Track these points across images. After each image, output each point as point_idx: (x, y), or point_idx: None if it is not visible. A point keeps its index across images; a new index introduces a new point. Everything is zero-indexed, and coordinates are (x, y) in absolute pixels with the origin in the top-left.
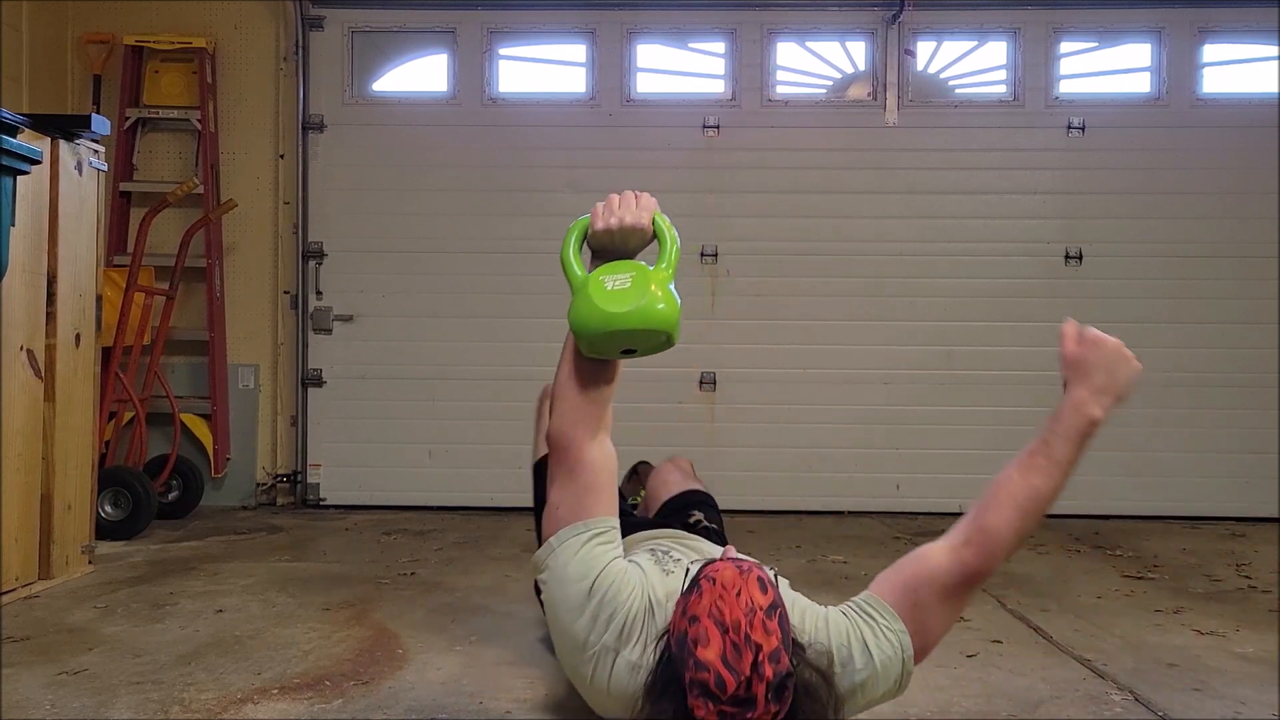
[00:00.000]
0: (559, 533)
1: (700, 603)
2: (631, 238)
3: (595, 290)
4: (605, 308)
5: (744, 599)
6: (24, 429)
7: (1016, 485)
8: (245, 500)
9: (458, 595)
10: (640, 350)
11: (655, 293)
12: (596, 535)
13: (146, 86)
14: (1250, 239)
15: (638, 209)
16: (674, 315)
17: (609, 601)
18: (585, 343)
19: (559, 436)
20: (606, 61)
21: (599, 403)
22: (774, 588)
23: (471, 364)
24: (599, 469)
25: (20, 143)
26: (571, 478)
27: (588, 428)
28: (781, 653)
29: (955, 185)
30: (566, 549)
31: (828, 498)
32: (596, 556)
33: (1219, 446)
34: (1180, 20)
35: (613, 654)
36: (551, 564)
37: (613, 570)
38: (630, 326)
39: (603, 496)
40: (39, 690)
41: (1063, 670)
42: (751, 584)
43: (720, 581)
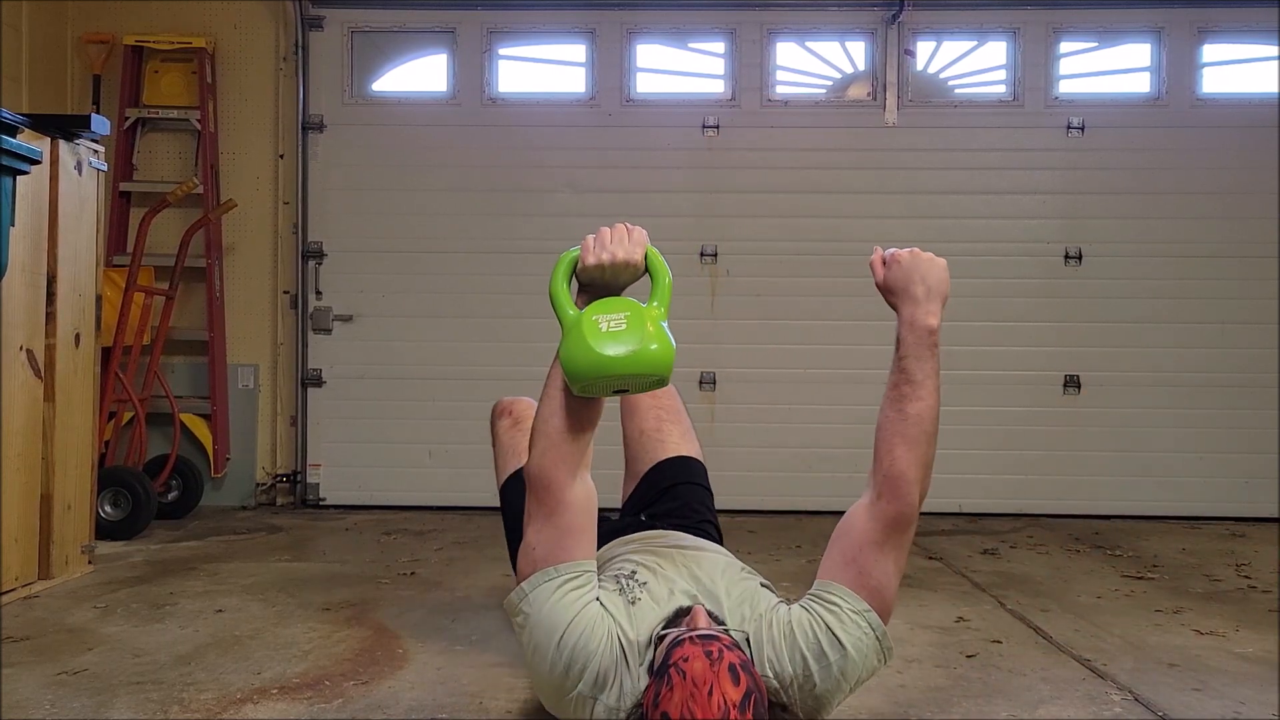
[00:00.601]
0: (531, 578)
1: (671, 698)
2: (623, 273)
3: (589, 330)
4: (601, 350)
5: (716, 699)
6: (24, 429)
7: (895, 421)
8: (245, 500)
9: (458, 595)
10: (632, 390)
11: (651, 333)
12: (569, 580)
13: (146, 86)
14: (1250, 239)
15: (630, 244)
16: (670, 357)
17: (579, 654)
18: (577, 384)
19: (539, 476)
20: (606, 61)
21: (583, 442)
22: (746, 672)
23: (471, 364)
24: (579, 510)
25: (20, 143)
26: (550, 520)
27: (570, 467)
28: None
29: (955, 185)
30: (539, 595)
31: (828, 498)
32: (567, 605)
33: (1219, 446)
34: (1180, 20)
35: (591, 700)
36: (525, 609)
37: (581, 621)
38: (626, 371)
39: (582, 539)
40: (39, 690)
41: (1063, 670)
42: (723, 677)
43: (691, 676)
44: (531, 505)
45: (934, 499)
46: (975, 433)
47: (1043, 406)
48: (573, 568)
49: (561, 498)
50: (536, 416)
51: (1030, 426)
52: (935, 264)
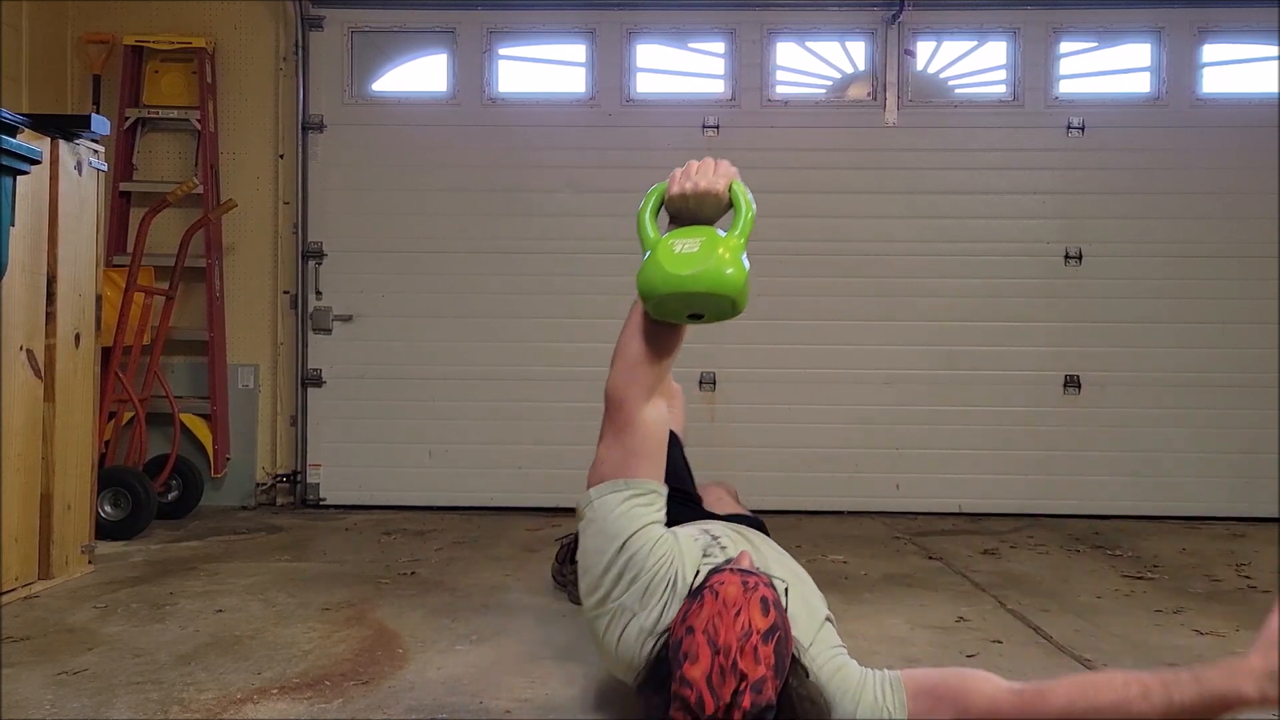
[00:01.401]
0: (599, 486)
1: (699, 614)
2: (706, 203)
3: (664, 253)
4: (671, 270)
5: (741, 621)
6: (24, 429)
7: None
8: (245, 500)
9: (458, 595)
10: (707, 316)
11: (723, 257)
12: (636, 496)
13: (146, 86)
14: (1250, 239)
15: (715, 175)
16: (739, 281)
17: (636, 563)
18: (651, 305)
19: (613, 395)
20: (606, 61)
21: (658, 367)
22: (777, 609)
23: (471, 364)
24: (648, 433)
25: (20, 143)
26: (619, 437)
27: (642, 390)
28: (767, 682)
29: (955, 185)
30: (605, 503)
31: (828, 498)
32: (634, 517)
33: (1219, 446)
34: (1180, 20)
35: (629, 615)
36: (588, 514)
37: (648, 534)
38: (694, 290)
39: (648, 461)
40: (39, 690)
41: (1063, 670)
42: (753, 604)
43: (723, 597)
44: (605, 422)
45: (934, 499)
46: (975, 433)
47: (1043, 406)
48: (641, 485)
49: (632, 418)
50: (618, 340)
51: (1030, 426)
52: None
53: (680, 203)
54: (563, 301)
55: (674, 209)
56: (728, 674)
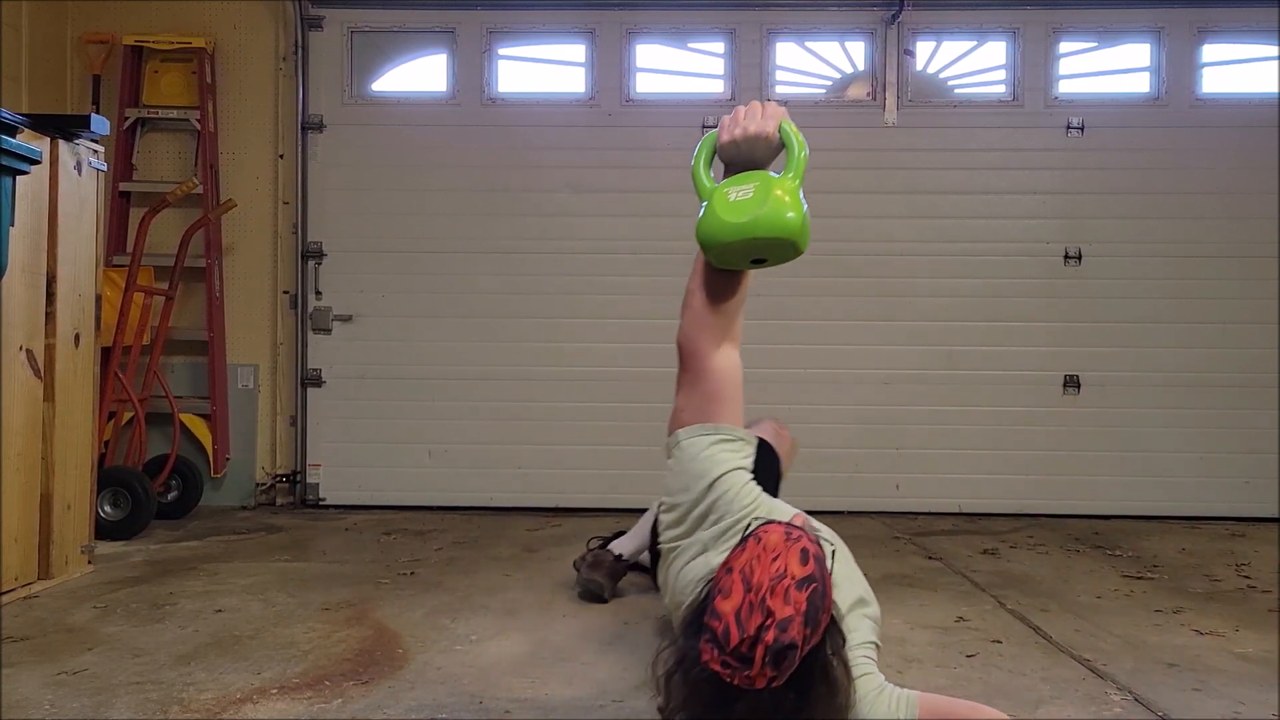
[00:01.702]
0: (688, 428)
1: (740, 557)
2: (758, 147)
3: (719, 201)
4: (726, 218)
5: (778, 565)
6: (24, 429)
7: None
8: (245, 500)
9: (458, 595)
10: (771, 259)
11: (780, 199)
12: (724, 440)
13: (146, 86)
14: (1250, 239)
15: (763, 118)
16: (796, 223)
17: (723, 504)
18: (712, 255)
19: (685, 344)
20: (606, 61)
21: (725, 314)
22: (818, 563)
23: (471, 364)
24: (722, 378)
25: (20, 143)
26: (695, 386)
27: (712, 337)
28: (793, 623)
29: (955, 185)
30: (693, 444)
31: (828, 498)
32: (723, 460)
33: (1219, 446)
34: (1180, 20)
35: (700, 549)
36: (675, 454)
37: (737, 478)
38: (752, 236)
39: (726, 405)
40: (39, 690)
41: (1063, 670)
42: (793, 553)
43: (765, 542)
44: (680, 374)
45: (934, 499)
46: (975, 433)
47: (1043, 406)
48: (730, 430)
49: (705, 365)
50: (685, 291)
51: (1030, 426)
52: None
53: (732, 150)
54: (562, 301)
55: (726, 157)
56: (755, 609)
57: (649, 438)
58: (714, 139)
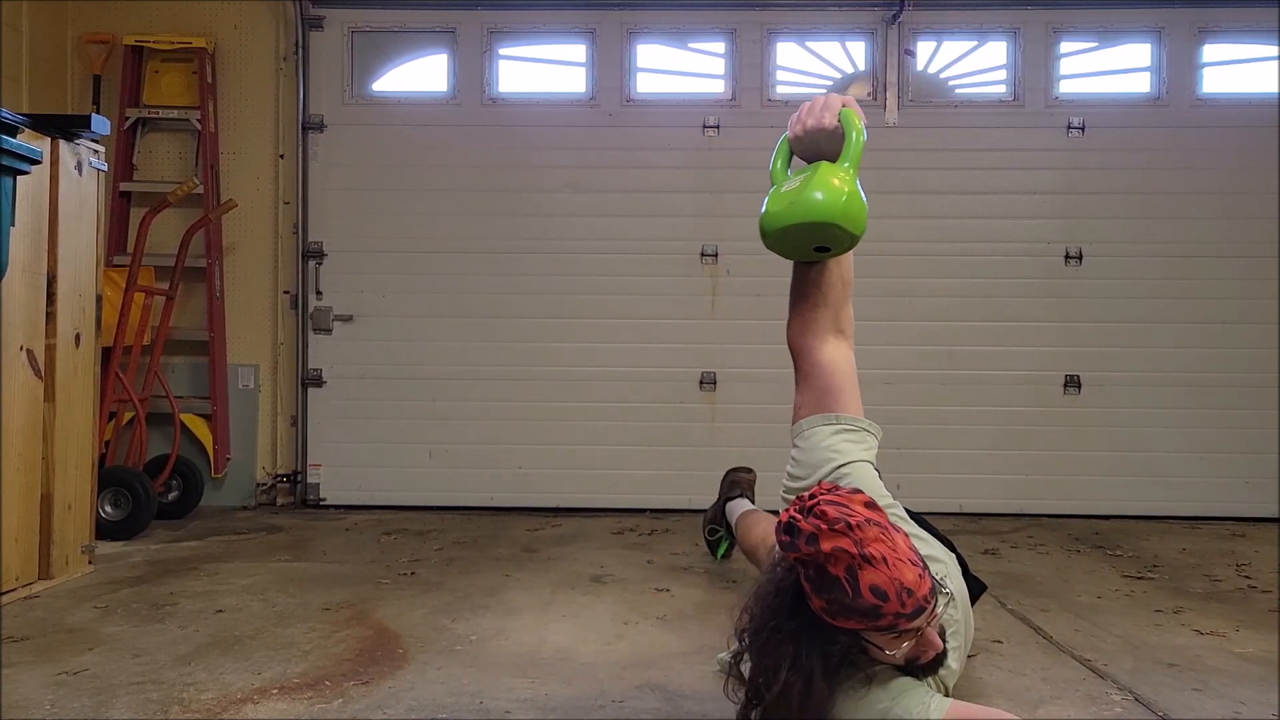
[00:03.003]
0: (810, 417)
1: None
2: (821, 139)
3: (772, 196)
4: (771, 209)
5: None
6: (24, 429)
7: None
8: (245, 500)
9: (458, 595)
10: (834, 249)
11: (818, 183)
12: (846, 430)
13: (146, 86)
14: (1250, 239)
15: (821, 111)
16: (839, 201)
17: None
18: (771, 247)
19: (791, 344)
20: (606, 61)
21: (821, 306)
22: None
23: (471, 364)
24: (832, 370)
25: (20, 143)
26: (808, 381)
27: (814, 332)
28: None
29: (955, 185)
30: (816, 433)
31: None
32: (847, 449)
33: (1219, 446)
34: (1180, 20)
35: None
36: (800, 444)
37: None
38: (788, 223)
39: (843, 396)
40: (39, 690)
41: (1063, 670)
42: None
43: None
44: (796, 374)
45: (934, 499)
46: (975, 433)
47: (1043, 406)
48: (851, 421)
49: (814, 360)
50: None
51: (1030, 426)
52: None
53: (799, 146)
54: (562, 301)
55: (799, 152)
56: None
57: (648, 438)
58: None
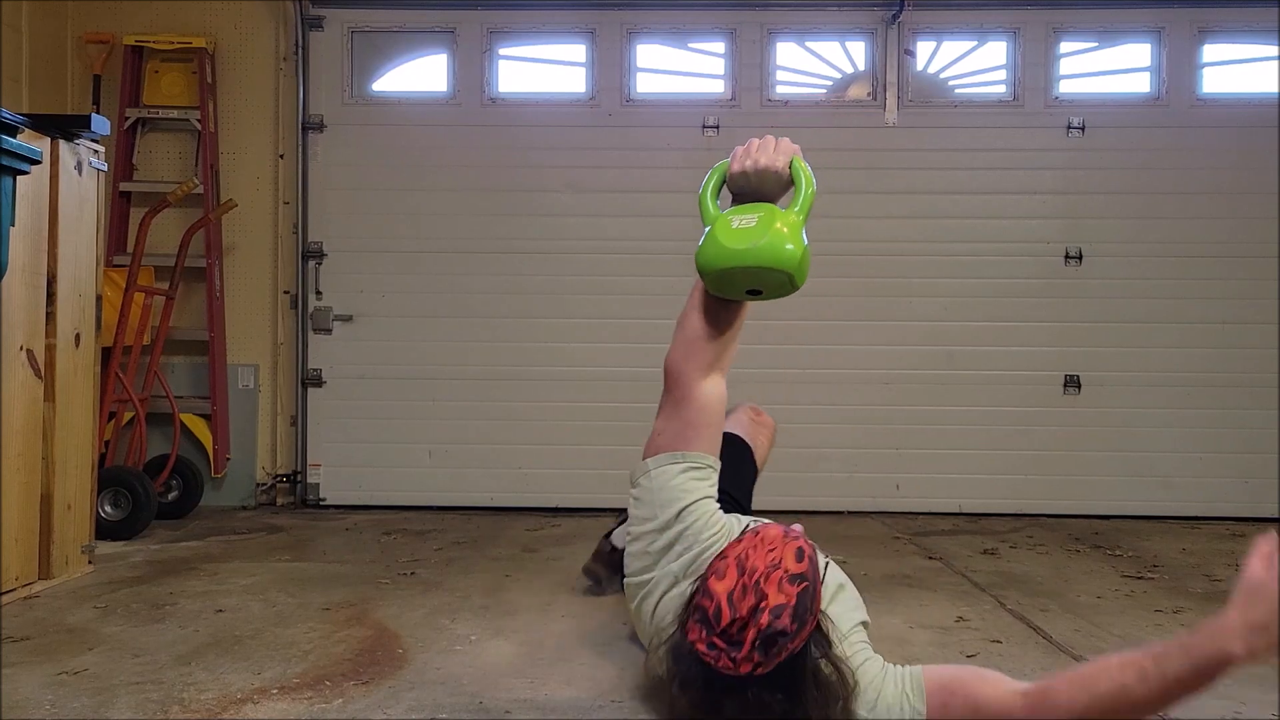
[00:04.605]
0: (657, 457)
1: (737, 547)
2: (767, 180)
3: (721, 228)
4: (727, 244)
5: (773, 555)
6: (24, 429)
7: (1106, 674)
8: (245, 500)
9: (458, 595)
10: (766, 292)
11: (780, 231)
12: (693, 468)
13: (146, 86)
14: (1250, 239)
15: (775, 152)
16: (797, 256)
17: (691, 534)
18: (709, 280)
19: (671, 367)
20: (606, 61)
21: (717, 342)
22: (811, 564)
23: (471, 364)
24: (704, 407)
25: (20, 143)
26: (677, 410)
27: (699, 365)
28: (786, 612)
29: (955, 185)
30: (662, 473)
31: (828, 498)
32: (691, 489)
33: (1219, 446)
34: (1180, 20)
35: (671, 581)
36: (643, 483)
37: (704, 507)
38: (748, 264)
39: (704, 433)
40: (39, 690)
41: (1061, 669)
42: (789, 550)
43: (762, 535)
44: (663, 395)
45: (934, 499)
46: (975, 433)
47: (1043, 406)
48: (698, 458)
49: (689, 392)
50: (679, 315)
51: (1030, 426)
52: None
53: (742, 180)
54: (562, 301)
55: (735, 187)
56: (749, 591)
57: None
58: (725, 168)
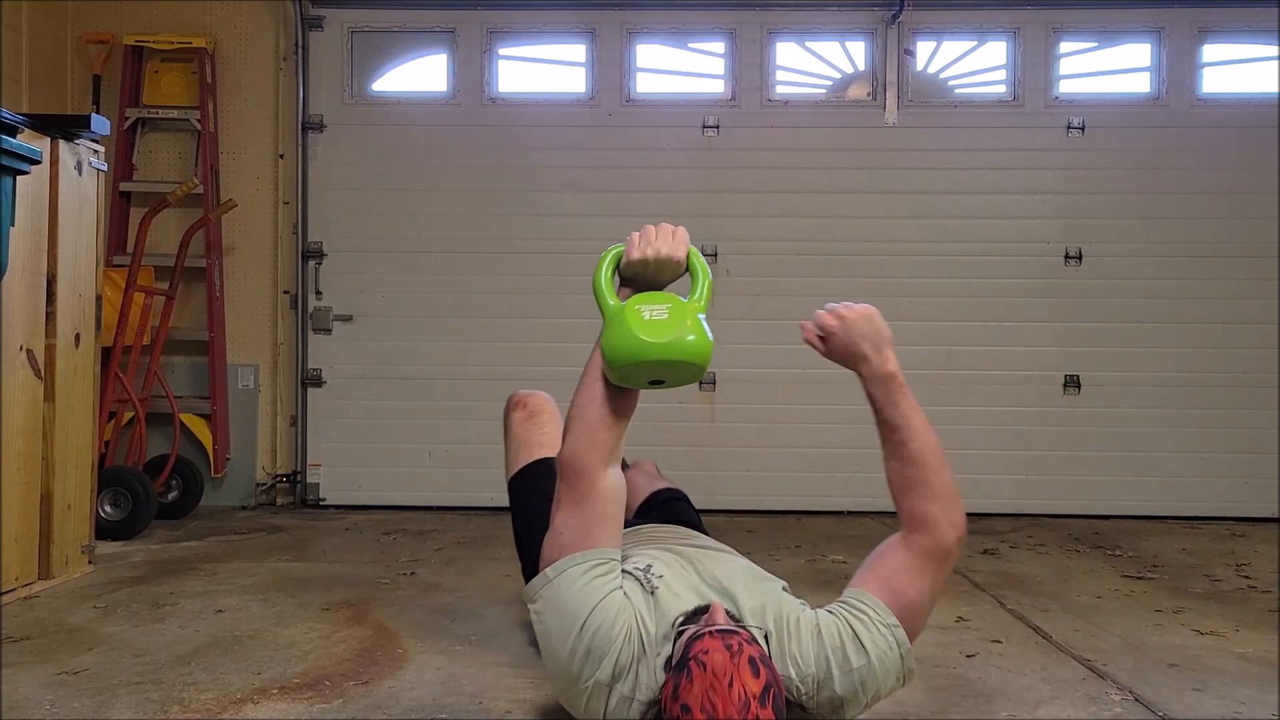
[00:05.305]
0: (558, 563)
1: (691, 690)
2: (666, 269)
3: (633, 318)
4: (643, 336)
5: (736, 690)
6: (24, 429)
7: (899, 469)
8: (245, 500)
9: (458, 595)
10: (669, 382)
11: (691, 325)
12: (596, 566)
13: (146, 86)
14: (1250, 239)
15: (674, 241)
16: (708, 349)
17: (599, 642)
18: (617, 371)
19: (572, 461)
20: (606, 61)
21: (617, 432)
22: (766, 666)
23: (471, 364)
24: (608, 499)
25: (20, 143)
26: (579, 506)
27: (602, 455)
28: None
29: (955, 185)
30: (565, 579)
31: (828, 498)
32: (592, 591)
33: (1219, 446)
34: (1180, 20)
35: (606, 689)
36: (546, 594)
37: (606, 608)
38: (668, 357)
39: (609, 527)
40: (39, 690)
41: (1063, 670)
42: (743, 669)
43: (711, 668)
44: (562, 491)
45: None
46: (975, 433)
47: (1043, 406)
48: (600, 554)
49: (593, 485)
50: (573, 404)
51: (1030, 426)
52: (870, 319)
53: (640, 268)
54: (562, 301)
55: (631, 274)
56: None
57: (646, 438)
58: (618, 253)
